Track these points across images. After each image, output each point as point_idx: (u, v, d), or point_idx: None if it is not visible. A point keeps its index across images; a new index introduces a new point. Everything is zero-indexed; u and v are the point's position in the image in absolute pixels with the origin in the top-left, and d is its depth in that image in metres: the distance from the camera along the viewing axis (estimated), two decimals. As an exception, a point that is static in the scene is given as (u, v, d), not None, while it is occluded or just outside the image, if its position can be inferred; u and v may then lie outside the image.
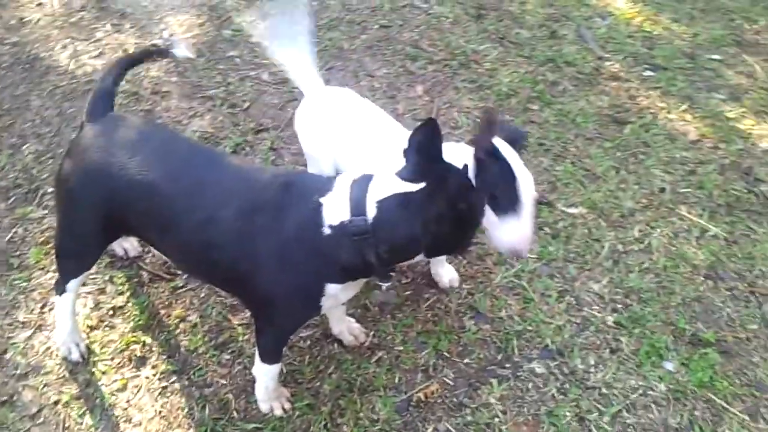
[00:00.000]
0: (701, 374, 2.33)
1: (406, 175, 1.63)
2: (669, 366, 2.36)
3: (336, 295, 1.78)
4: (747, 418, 2.25)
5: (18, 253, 2.50)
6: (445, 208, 1.60)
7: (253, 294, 1.81)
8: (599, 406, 2.23)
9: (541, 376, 2.29)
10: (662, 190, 3.06)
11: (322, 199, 1.66)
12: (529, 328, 2.42)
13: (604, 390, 2.27)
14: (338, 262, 1.66)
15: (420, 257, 1.73)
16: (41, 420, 2.02)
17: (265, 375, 2.02)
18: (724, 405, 2.27)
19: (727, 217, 2.96)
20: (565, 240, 2.78)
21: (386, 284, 2.11)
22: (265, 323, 1.91)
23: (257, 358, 2.00)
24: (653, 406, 2.25)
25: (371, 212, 1.61)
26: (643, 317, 2.50)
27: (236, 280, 1.80)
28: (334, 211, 1.64)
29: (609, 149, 3.23)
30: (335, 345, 2.30)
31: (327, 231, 1.64)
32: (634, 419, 2.20)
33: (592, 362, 2.35)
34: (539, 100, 3.44)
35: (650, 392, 2.28)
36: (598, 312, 2.51)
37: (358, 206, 1.61)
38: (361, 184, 1.66)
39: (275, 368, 2.01)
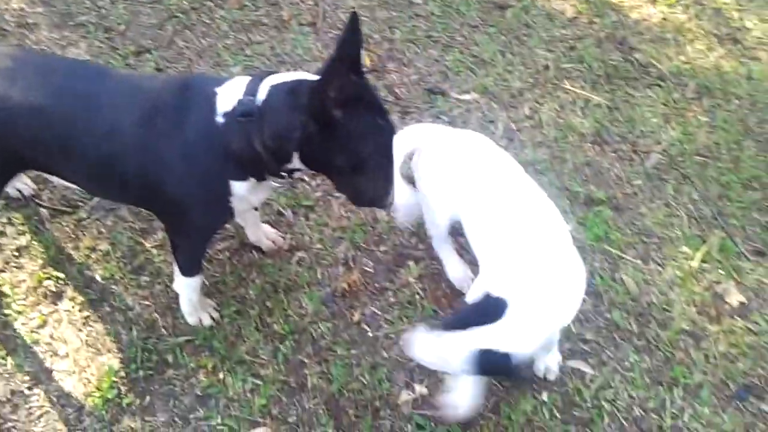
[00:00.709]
0: (596, 230, 2.53)
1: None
2: (567, 227, 2.54)
3: (244, 196, 1.76)
4: (640, 262, 2.47)
5: None
6: (320, 108, 1.53)
7: (165, 203, 1.78)
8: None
9: (454, 253, 2.41)
10: (546, 67, 3.19)
11: (217, 89, 1.64)
12: (438, 211, 2.53)
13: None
14: (232, 153, 1.64)
15: (298, 163, 1.66)
16: (-39, 369, 1.97)
17: (187, 288, 2.03)
18: (619, 254, 2.48)
19: (608, 86, 3.14)
20: (462, 125, 2.87)
21: (279, 183, 1.93)
22: (181, 234, 1.90)
23: (177, 273, 2.00)
24: (557, 264, 2.43)
25: (262, 96, 1.59)
26: (540, 187, 2.65)
27: (145, 191, 1.76)
28: (228, 98, 1.62)
29: (493, 35, 3.31)
30: (254, 252, 2.33)
31: (220, 119, 1.62)
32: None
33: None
34: (422, -6, 3.45)
35: (554, 253, 2.45)
36: (500, 187, 2.64)
37: (250, 90, 1.60)
38: (262, 74, 1.65)
39: (196, 280, 2.02)
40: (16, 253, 2.22)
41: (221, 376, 2.02)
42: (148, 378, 1.99)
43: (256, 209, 2.21)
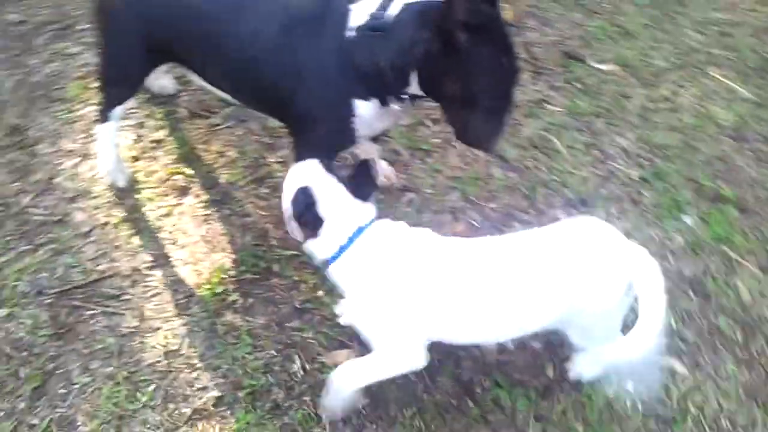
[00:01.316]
0: (718, 228, 2.42)
1: None
2: (688, 220, 2.45)
3: (367, 119, 1.79)
4: (759, 271, 2.34)
5: (58, 87, 2.55)
6: (445, 26, 1.54)
7: (294, 113, 1.86)
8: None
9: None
10: (695, 50, 3.03)
11: (352, 6, 1.69)
12: (555, 178, 2.50)
13: (623, 238, 2.37)
14: (358, 69, 1.68)
15: (416, 86, 1.69)
16: (93, 238, 2.15)
17: (301, 206, 2.12)
18: (739, 259, 2.36)
19: (758, 80, 2.96)
20: (595, 95, 2.80)
21: (400, 106, 1.95)
22: (304, 150, 1.96)
23: None
24: (669, 256, 2.35)
25: (394, 11, 1.63)
26: (666, 173, 2.56)
27: (278, 98, 1.84)
28: (361, 13, 1.67)
29: (644, 7, 3.17)
30: (368, 185, 2.38)
31: (351, 33, 1.67)
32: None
33: (614, 212, 2.43)
34: (578, -47, 3.33)
35: (668, 243, 2.38)
36: (624, 166, 2.57)
37: (383, 5, 1.64)
38: None
39: None
40: (153, 145, 2.38)
41: (320, 294, 2.11)
42: (253, 281, 2.11)
43: (376, 141, 2.25)
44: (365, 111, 1.78)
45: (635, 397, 1.99)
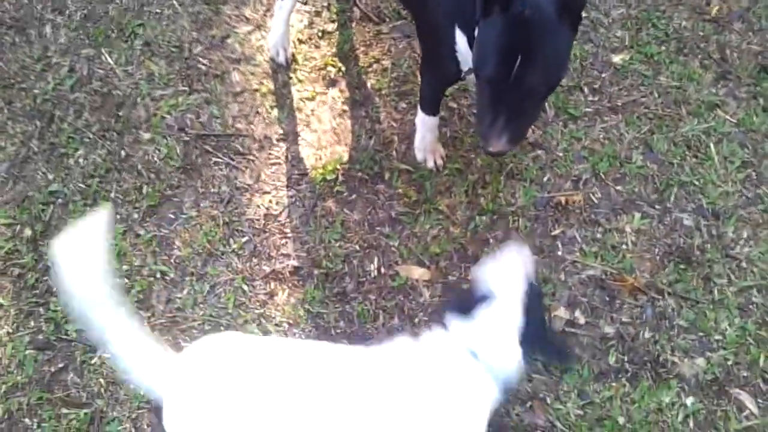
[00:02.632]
0: None
1: None
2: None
3: (464, 55, 1.76)
4: None
5: (258, -39, 2.76)
6: None
7: (423, 23, 1.92)
8: (732, 275, 2.20)
9: (686, 228, 2.27)
10: None
11: None
12: (696, 182, 2.37)
13: (744, 264, 2.22)
14: None
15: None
16: (241, 100, 2.37)
17: (423, 125, 2.19)
18: None
19: None
20: (776, 116, 2.57)
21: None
22: (424, 68, 2.05)
23: (419, 107, 2.16)
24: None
25: None
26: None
27: (421, 5, 1.89)
28: None
29: None
30: (501, 130, 2.40)
31: None
32: (762, 300, 2.16)
33: (745, 236, 2.28)
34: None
35: (794, 282, 2.20)
36: (776, 195, 2.38)
37: None
38: None
39: (432, 121, 2.16)
40: (320, 34, 2.53)
41: (417, 211, 2.19)
42: (362, 181, 2.23)
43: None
44: (461, 44, 1.76)
45: (690, 413, 1.92)
